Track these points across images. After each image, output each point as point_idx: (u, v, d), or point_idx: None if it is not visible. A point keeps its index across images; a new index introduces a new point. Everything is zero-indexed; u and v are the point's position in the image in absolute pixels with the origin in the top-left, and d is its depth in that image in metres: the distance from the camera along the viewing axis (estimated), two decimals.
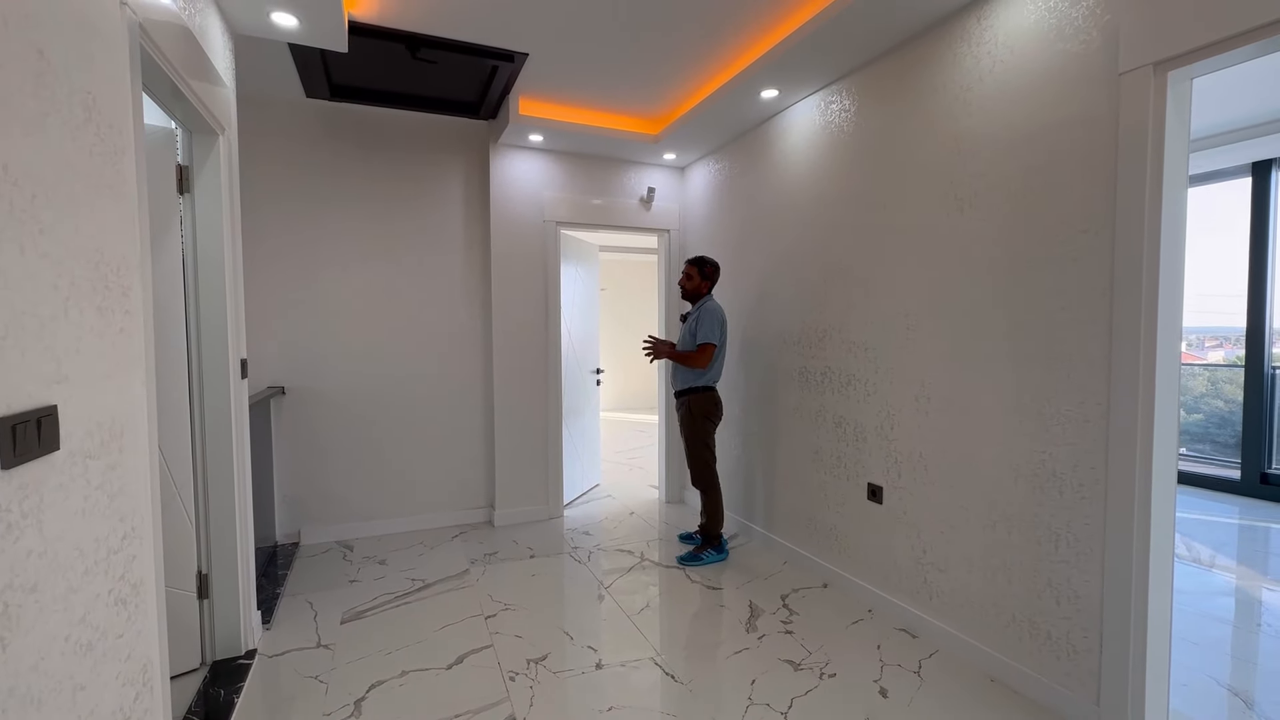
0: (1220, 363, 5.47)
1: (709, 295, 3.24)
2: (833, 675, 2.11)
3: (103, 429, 1.15)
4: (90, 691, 1.08)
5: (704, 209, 3.97)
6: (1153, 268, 1.65)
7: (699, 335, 3.09)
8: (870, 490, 2.62)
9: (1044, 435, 1.93)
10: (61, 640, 1.00)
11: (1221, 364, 5.39)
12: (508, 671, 2.14)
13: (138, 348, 1.32)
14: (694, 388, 3.16)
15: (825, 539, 2.91)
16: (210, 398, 2.12)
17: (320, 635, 2.39)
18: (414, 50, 2.71)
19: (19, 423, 0.88)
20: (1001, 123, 2.05)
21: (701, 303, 3.18)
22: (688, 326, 3.18)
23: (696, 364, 3.07)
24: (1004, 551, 2.07)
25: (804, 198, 3.02)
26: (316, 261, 3.41)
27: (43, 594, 0.95)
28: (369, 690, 2.03)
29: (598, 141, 3.68)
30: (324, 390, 3.44)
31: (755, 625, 2.47)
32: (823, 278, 2.90)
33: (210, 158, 2.09)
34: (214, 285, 2.11)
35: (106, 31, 1.23)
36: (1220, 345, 5.88)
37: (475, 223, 3.77)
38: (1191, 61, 1.58)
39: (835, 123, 2.80)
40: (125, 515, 1.24)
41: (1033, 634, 1.97)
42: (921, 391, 2.38)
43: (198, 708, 1.89)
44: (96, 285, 1.15)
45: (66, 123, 1.06)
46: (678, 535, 3.51)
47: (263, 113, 3.23)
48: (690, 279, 3.21)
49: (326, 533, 3.46)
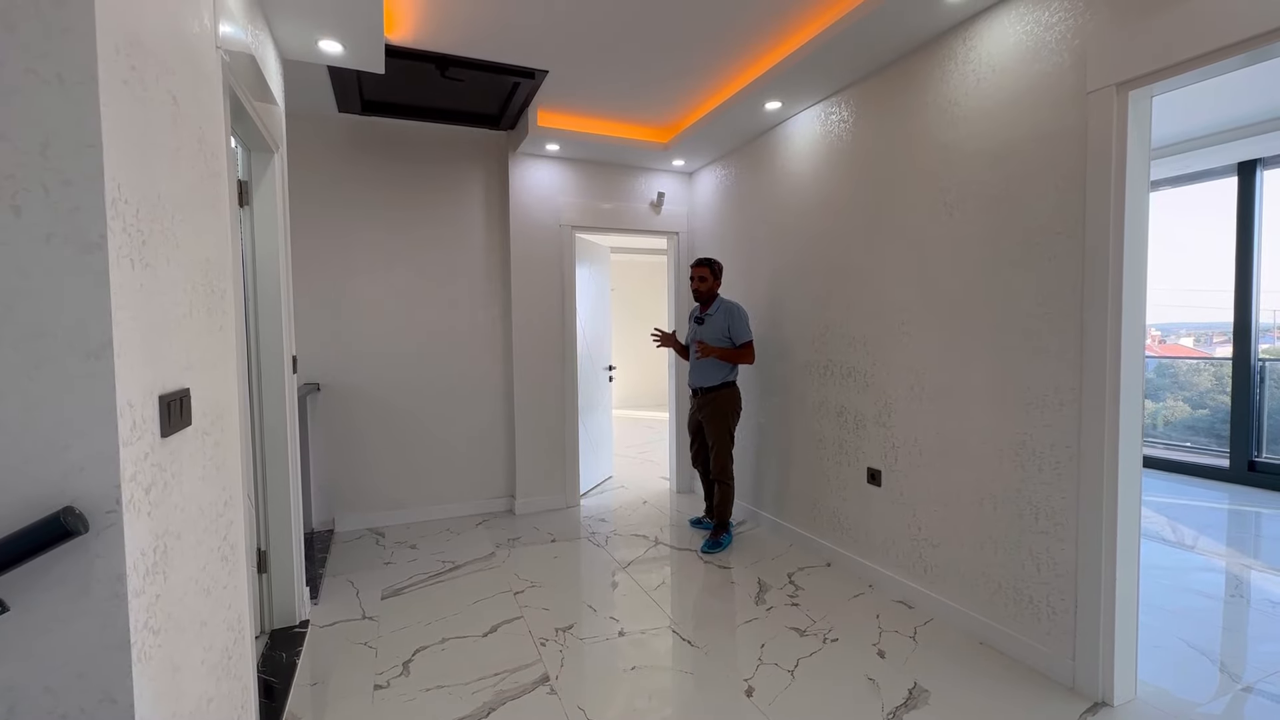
0: (1228, 358, 5.60)
1: (719, 295, 3.40)
2: (835, 640, 2.31)
3: (212, 411, 1.37)
4: (210, 628, 1.29)
5: (711, 212, 4.18)
6: (1118, 266, 1.85)
7: (737, 334, 3.23)
8: (870, 474, 2.82)
9: (1024, 419, 2.13)
10: (192, 582, 1.21)
11: (1228, 359, 5.52)
12: (538, 638, 2.35)
13: (230, 342, 1.54)
14: (723, 383, 3.30)
15: (828, 521, 3.11)
16: (268, 390, 2.34)
17: (364, 609, 2.61)
18: (443, 70, 2.93)
19: (171, 400, 1.10)
20: (985, 135, 2.25)
21: (719, 302, 3.32)
22: (716, 326, 3.26)
23: (747, 360, 3.24)
24: (990, 526, 2.26)
25: (806, 201, 3.22)
26: (347, 266, 3.63)
27: (184, 541, 1.16)
28: (414, 654, 2.24)
29: (611, 149, 3.89)
30: (356, 387, 3.66)
31: (764, 599, 2.68)
32: (824, 276, 3.10)
33: (267, 174, 2.31)
34: (270, 289, 2.33)
35: (209, 73, 1.44)
36: (1228, 341, 6.01)
37: (495, 227, 3.99)
38: (1150, 82, 1.78)
39: (834, 132, 3.01)
40: (226, 485, 1.46)
41: (1016, 600, 2.17)
42: (916, 381, 2.57)
43: (263, 668, 2.11)
44: (205, 289, 1.36)
45: (190, 154, 1.28)
46: (689, 520, 3.72)
47: (297, 127, 3.45)
48: (705, 280, 3.32)
49: (359, 520, 3.68)
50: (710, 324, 3.30)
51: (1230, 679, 2.05)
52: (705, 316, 3.34)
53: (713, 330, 3.28)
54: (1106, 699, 1.90)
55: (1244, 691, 1.98)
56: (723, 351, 3.22)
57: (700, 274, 3.33)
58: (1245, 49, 1.57)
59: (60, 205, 0.86)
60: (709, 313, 3.33)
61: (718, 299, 3.35)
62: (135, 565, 0.94)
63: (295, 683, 2.04)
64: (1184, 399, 5.66)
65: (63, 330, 0.87)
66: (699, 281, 3.33)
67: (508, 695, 1.99)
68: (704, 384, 3.32)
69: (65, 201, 0.86)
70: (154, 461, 1.03)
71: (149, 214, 1.04)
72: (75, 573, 0.88)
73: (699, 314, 3.39)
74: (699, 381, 3.34)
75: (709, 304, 3.35)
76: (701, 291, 3.34)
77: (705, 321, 3.33)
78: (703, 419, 3.33)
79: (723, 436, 3.30)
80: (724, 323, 3.26)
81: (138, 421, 0.97)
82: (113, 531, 0.90)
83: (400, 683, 2.06)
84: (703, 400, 3.33)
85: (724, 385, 3.30)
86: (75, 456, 0.88)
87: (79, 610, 0.89)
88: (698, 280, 3.34)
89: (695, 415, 3.41)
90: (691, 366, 3.40)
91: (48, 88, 0.85)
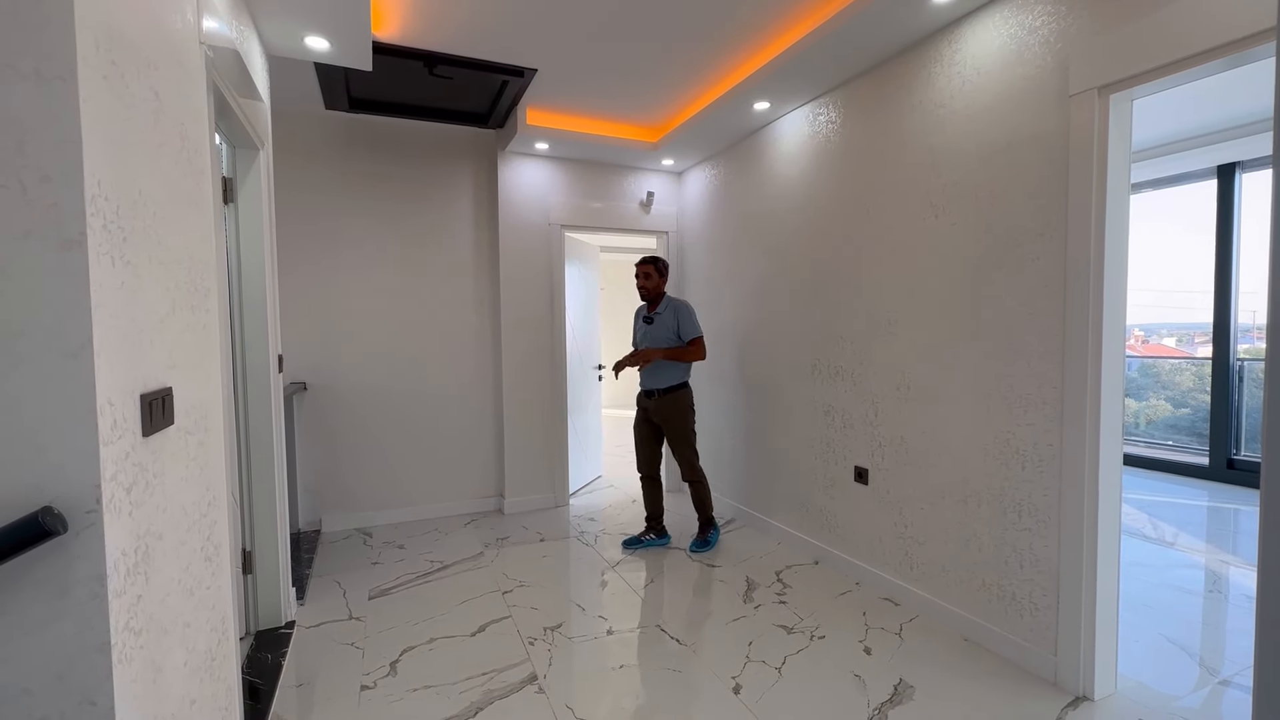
0: (1208, 358, 5.70)
1: (666, 293, 3.37)
2: (822, 637, 2.33)
3: (195, 410, 1.36)
4: (193, 630, 1.28)
5: (700, 212, 4.19)
6: (1098, 267, 1.88)
7: (685, 331, 3.22)
8: (857, 473, 2.84)
9: (1007, 417, 2.16)
10: (175, 583, 1.20)
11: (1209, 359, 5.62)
12: (527, 637, 2.35)
13: (214, 341, 1.52)
14: (680, 383, 3.27)
15: (816, 520, 3.13)
16: (253, 389, 2.32)
17: (351, 609, 2.59)
18: (431, 68, 2.91)
19: (153, 399, 1.09)
20: (970, 137, 2.27)
21: (668, 301, 3.30)
22: (663, 325, 3.25)
23: (697, 357, 3.22)
24: (975, 523, 2.29)
25: (795, 202, 3.24)
26: (334, 265, 3.60)
27: (166, 542, 1.15)
28: (401, 654, 2.23)
29: (600, 149, 3.89)
30: (343, 386, 3.64)
31: (752, 597, 2.69)
32: (813, 277, 3.11)
33: (252, 171, 2.29)
34: (256, 287, 2.31)
35: (192, 69, 1.43)
36: (1209, 341, 6.11)
37: (484, 226, 3.97)
38: (1131, 86, 1.80)
39: (823, 133, 3.02)
40: (209, 485, 1.44)
41: (1000, 596, 2.20)
42: (902, 381, 2.60)
43: (248, 669, 2.09)
44: (188, 288, 1.35)
45: (173, 151, 1.26)
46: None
47: (283, 124, 3.42)
48: (650, 278, 3.28)
49: (346, 520, 3.66)
50: (659, 323, 3.28)
51: (1209, 673, 2.09)
52: (654, 316, 3.31)
53: (662, 329, 3.27)
54: (1087, 693, 1.93)
55: (1222, 685, 2.02)
56: (669, 352, 3.20)
57: (644, 271, 3.29)
58: (1224, 54, 1.60)
59: (38, 202, 0.85)
60: (657, 312, 3.31)
61: (665, 297, 3.34)
62: (116, 566, 0.93)
63: (281, 684, 2.03)
64: (1166, 398, 5.75)
65: (41, 329, 0.86)
66: (644, 279, 3.29)
67: (495, 695, 1.99)
68: (659, 385, 3.26)
69: (43, 198, 0.85)
70: (135, 461, 1.02)
71: (130, 211, 1.03)
72: (54, 574, 0.87)
73: (647, 313, 3.36)
74: (654, 383, 3.28)
75: (656, 303, 3.33)
76: (648, 289, 3.30)
77: (654, 321, 3.30)
78: (661, 421, 3.28)
79: (686, 436, 3.27)
80: (672, 321, 3.25)
81: (118, 420, 0.96)
82: (92, 532, 0.89)
83: (387, 683, 2.05)
84: (660, 402, 3.27)
85: (680, 385, 3.28)
86: (54, 456, 0.87)
87: (58, 612, 0.87)
88: (642, 278, 3.30)
89: (648, 419, 3.33)
90: (643, 370, 3.32)
91: (25, 82, 0.84)
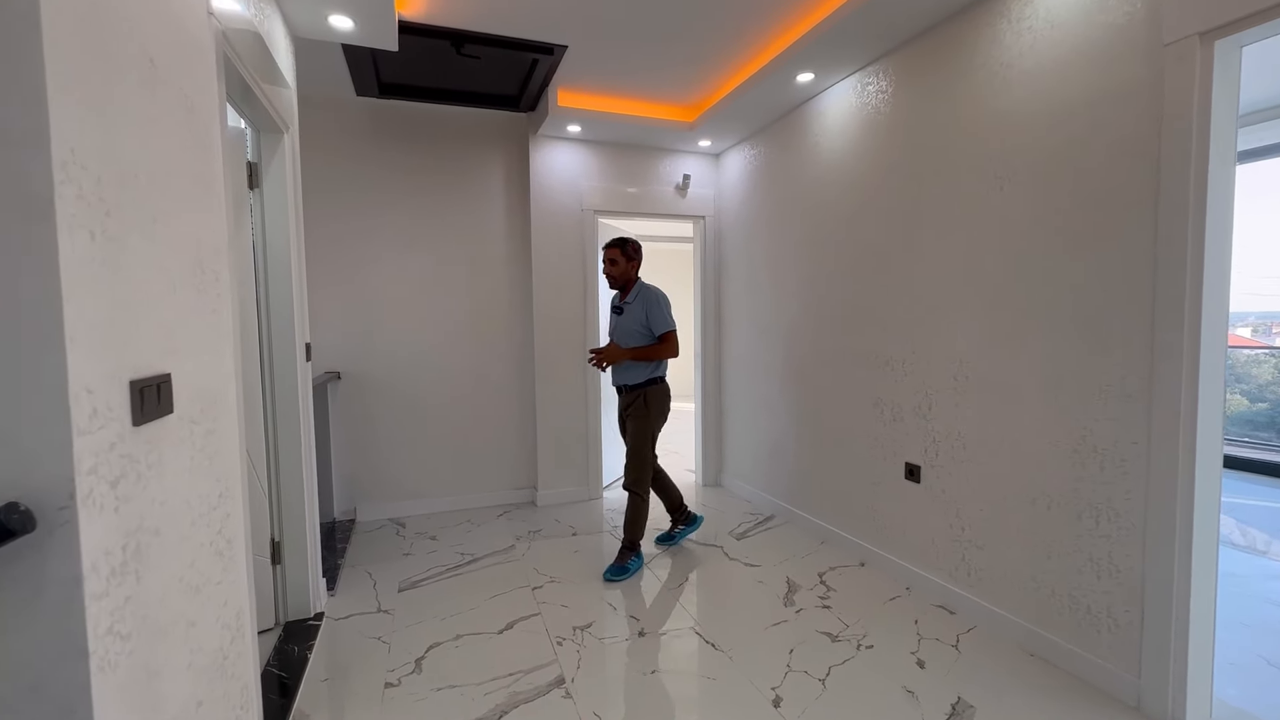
0: None
1: (639, 279, 2.96)
2: (870, 647, 2.16)
3: (202, 398, 1.29)
4: (199, 629, 1.22)
5: (739, 195, 4.01)
6: (1198, 246, 1.64)
7: (655, 324, 2.82)
8: (908, 470, 2.64)
9: (1083, 413, 1.93)
10: (176, 580, 1.13)
11: None
12: (555, 637, 2.26)
13: (227, 327, 1.46)
14: (651, 379, 2.88)
15: (862, 518, 2.94)
16: (279, 378, 2.28)
17: (380, 601, 2.55)
18: (459, 47, 2.82)
19: (146, 386, 1.01)
20: (1041, 99, 2.04)
21: (639, 289, 2.90)
22: (632, 317, 2.87)
23: (669, 354, 2.84)
24: (1043, 527, 2.08)
25: (841, 180, 3.03)
26: (367, 253, 3.58)
27: (164, 537, 1.08)
28: (428, 650, 2.17)
29: (634, 130, 3.74)
30: (376, 375, 3.62)
31: (793, 600, 2.53)
32: (860, 259, 2.91)
33: (276, 155, 2.25)
34: (281, 273, 2.27)
35: (199, 40, 1.35)
36: None
37: (516, 213, 3.89)
38: (1240, 30, 1.56)
39: (872, 104, 2.81)
40: (220, 476, 1.38)
41: (1072, 609, 1.99)
42: (959, 371, 2.39)
43: (275, 662, 2.07)
44: (194, 269, 1.28)
45: (174, 125, 1.19)
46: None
47: (315, 111, 3.40)
48: (616, 264, 2.88)
49: (380, 510, 3.65)
50: (629, 313, 2.89)
51: None
52: (624, 305, 2.93)
53: (630, 321, 2.87)
54: None
55: None
56: (635, 352, 2.81)
57: (611, 256, 2.89)
58: None
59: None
60: (628, 301, 2.91)
61: (637, 284, 2.92)
62: (96, 566, 0.86)
63: (306, 678, 1.99)
64: (1241, 391, 5.32)
65: (3, 308, 0.78)
66: (609, 265, 2.90)
67: (521, 698, 1.90)
68: (627, 381, 2.89)
69: (5, 165, 0.77)
70: (123, 452, 0.95)
71: (115, 183, 0.95)
72: (25, 576, 0.80)
73: (617, 302, 3.00)
74: (623, 379, 2.91)
75: (627, 291, 2.94)
76: (614, 276, 2.91)
77: (624, 311, 2.92)
78: (627, 418, 2.91)
79: (642, 440, 2.86)
80: (641, 312, 2.85)
81: (99, 409, 0.88)
82: (67, 530, 0.82)
83: (412, 681, 1.99)
84: (628, 399, 2.91)
85: (650, 382, 2.88)
86: (23, 448, 0.79)
87: (30, 617, 0.80)
88: (608, 264, 2.90)
89: (622, 414, 2.98)
90: (614, 365, 2.94)
91: None
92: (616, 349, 2.83)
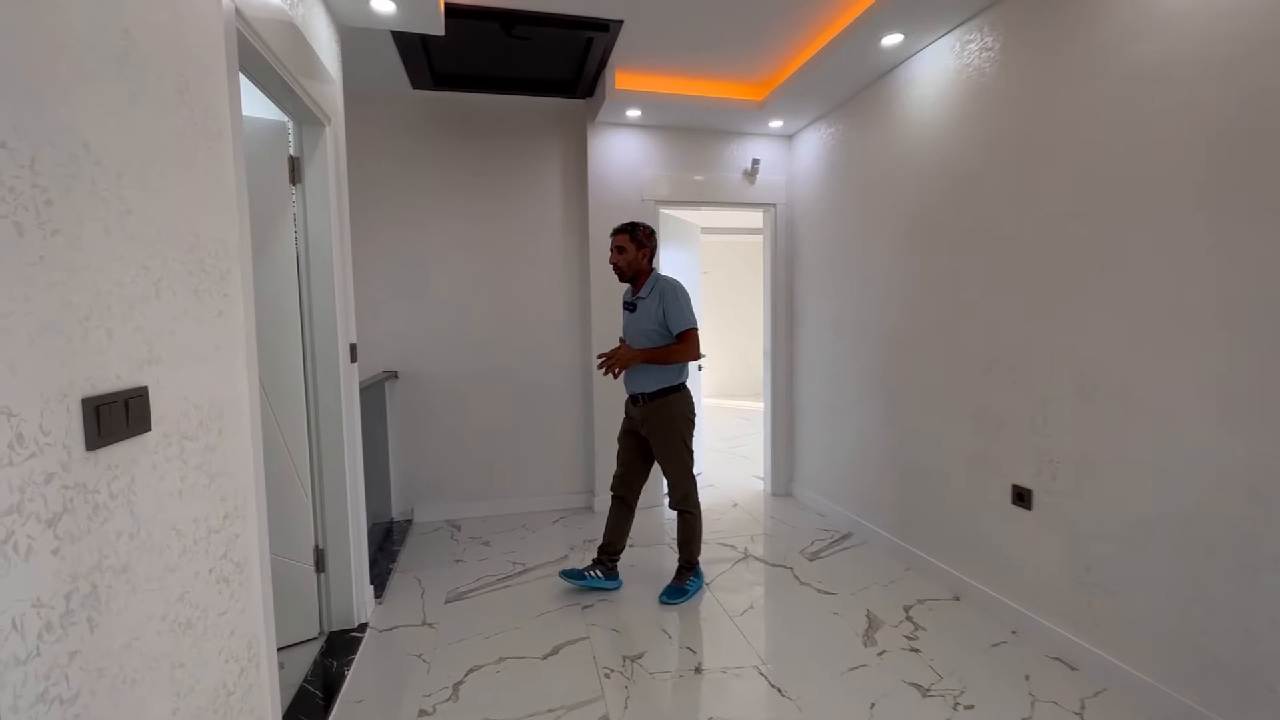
0: None
1: (654, 270, 2.58)
2: (970, 707, 1.82)
3: (201, 410, 1.16)
4: (190, 668, 1.09)
5: (814, 179, 3.65)
6: None
7: (673, 321, 2.43)
8: (1016, 493, 2.25)
9: (1269, 436, 1.51)
10: (158, 619, 1.00)
11: None
12: (603, 667, 2.06)
13: (238, 331, 1.34)
14: (671, 386, 2.50)
15: (957, 544, 2.56)
16: (322, 380, 2.20)
17: (426, 613, 2.45)
18: (509, 29, 2.66)
19: (104, 404, 0.88)
20: (1202, 41, 1.62)
21: (653, 281, 2.51)
22: (646, 313, 2.48)
23: (689, 357, 2.45)
24: (1202, 577, 1.66)
25: (936, 156, 2.64)
26: (423, 250, 3.52)
27: (135, 574, 0.95)
28: (467, 674, 2.03)
29: (698, 112, 3.48)
30: (432, 375, 3.56)
31: (874, 638, 2.21)
32: (958, 245, 2.52)
33: (318, 147, 2.16)
34: (323, 270, 2.18)
35: (201, 15, 1.23)
36: None
37: (573, 206, 3.72)
38: None
39: (974, 65, 2.41)
40: (227, 495, 1.26)
41: (1243, 682, 1.57)
42: (1087, 378, 1.98)
43: (313, 677, 1.98)
44: (192, 268, 1.15)
45: (158, 105, 1.05)
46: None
47: (370, 108, 3.35)
48: (623, 252, 2.49)
49: (437, 511, 3.59)
50: (643, 310, 2.50)
51: None
52: (637, 300, 2.54)
53: (644, 318, 2.49)
54: None
55: None
56: (650, 354, 2.42)
57: (618, 243, 2.50)
58: None
59: None
60: (640, 295, 2.52)
61: (652, 276, 2.53)
62: (19, 624, 0.72)
63: (340, 699, 1.89)
64: None
65: None
66: (616, 254, 2.51)
67: None
68: (646, 389, 2.49)
69: None
70: (67, 483, 0.81)
71: (59, 166, 0.81)
72: None
73: (630, 297, 2.59)
74: (638, 385, 2.51)
75: (639, 285, 2.56)
76: (621, 267, 2.52)
77: (638, 307, 2.53)
78: (647, 433, 2.53)
79: (678, 453, 2.51)
80: (658, 307, 2.46)
81: (25, 435, 0.74)
82: None
83: (447, 709, 1.85)
84: (647, 410, 2.51)
85: (673, 389, 2.50)
86: None
87: None
88: (615, 252, 2.51)
89: (634, 430, 2.59)
90: (627, 371, 2.55)
91: None
92: (628, 352, 2.45)
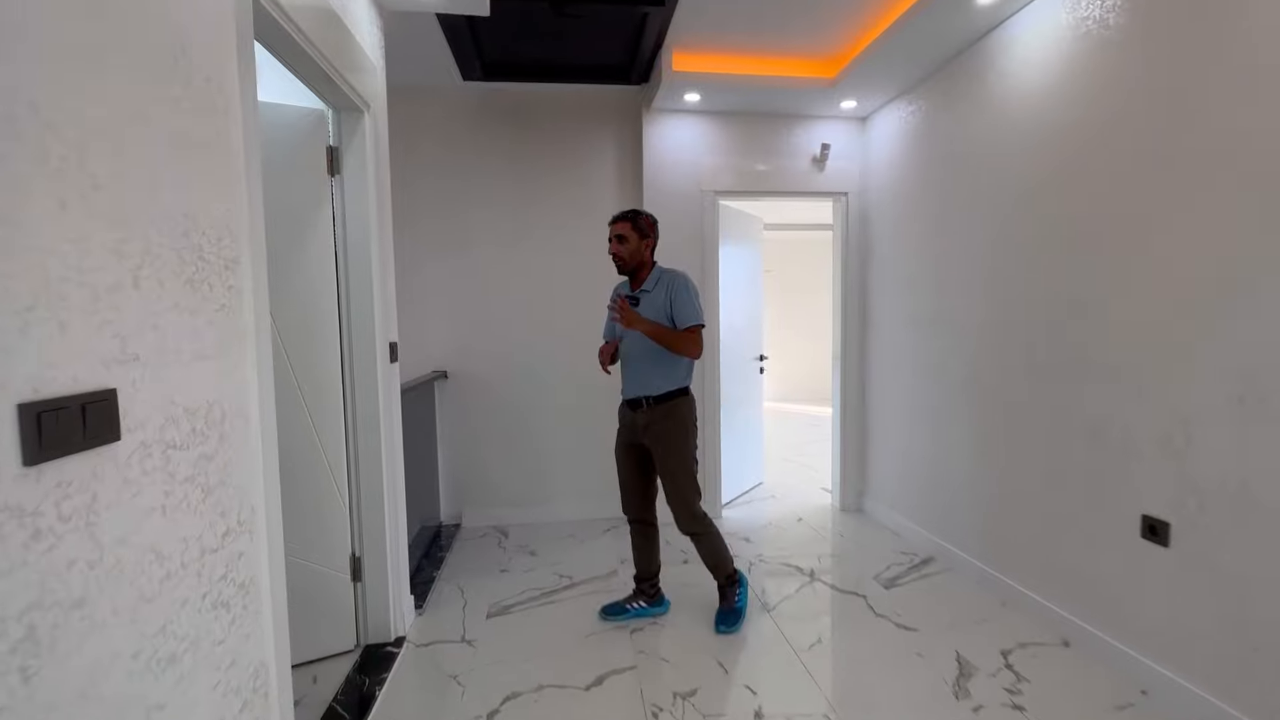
0: None
1: (656, 263, 2.38)
2: None
3: (193, 415, 1.04)
4: (172, 710, 0.96)
5: (892, 164, 3.31)
6: None
7: (681, 314, 2.23)
8: (1148, 525, 1.88)
9: None
10: (127, 658, 0.87)
11: None
12: (650, 705, 1.84)
13: (246, 326, 1.21)
14: (677, 390, 2.30)
15: (1067, 581, 2.19)
16: (360, 380, 2.10)
17: (466, 629, 2.31)
18: (559, 7, 2.50)
19: (48, 410, 0.74)
20: None
21: (657, 274, 2.32)
22: (652, 307, 2.27)
23: (693, 351, 2.24)
24: None
25: (1044, 131, 2.28)
26: (473, 245, 3.42)
27: (95, 608, 0.82)
28: (503, 703, 1.86)
29: (762, 94, 3.21)
30: (482, 375, 3.46)
31: (966, 689, 1.90)
32: (1070, 234, 2.16)
33: (356, 135, 2.06)
34: (361, 265, 2.08)
35: None
36: None
37: (628, 198, 3.53)
38: None
39: (1093, 17, 2.04)
40: (228, 509, 1.13)
41: None
42: (1247, 388, 1.60)
43: (343, 695, 1.87)
44: (185, 255, 1.03)
45: (136, 68, 0.92)
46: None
47: (421, 102, 3.29)
48: (625, 241, 2.28)
49: (485, 516, 3.49)
50: (647, 304, 2.29)
51: None
52: (640, 294, 2.32)
53: (649, 313, 2.27)
54: None
55: None
56: (656, 328, 2.20)
57: (619, 232, 2.29)
58: None
59: None
60: (644, 289, 2.32)
61: (655, 269, 2.34)
62: None
63: None
64: None
65: None
66: (617, 243, 2.29)
67: None
68: (649, 391, 2.28)
69: None
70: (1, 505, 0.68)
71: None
72: None
73: (630, 291, 2.36)
74: (640, 389, 2.30)
75: (641, 277, 2.34)
76: (622, 257, 2.31)
77: (641, 301, 2.31)
78: (651, 441, 2.30)
79: (684, 466, 2.28)
80: (664, 299, 2.26)
81: None
82: None
83: None
84: (652, 415, 2.29)
85: (678, 393, 2.29)
86: None
87: None
88: (615, 242, 2.30)
89: (635, 439, 2.36)
90: (625, 370, 2.36)
91: None
92: (635, 315, 2.21)
